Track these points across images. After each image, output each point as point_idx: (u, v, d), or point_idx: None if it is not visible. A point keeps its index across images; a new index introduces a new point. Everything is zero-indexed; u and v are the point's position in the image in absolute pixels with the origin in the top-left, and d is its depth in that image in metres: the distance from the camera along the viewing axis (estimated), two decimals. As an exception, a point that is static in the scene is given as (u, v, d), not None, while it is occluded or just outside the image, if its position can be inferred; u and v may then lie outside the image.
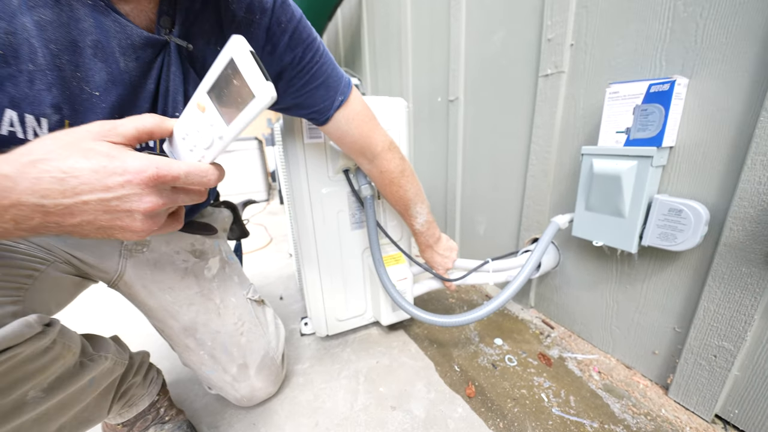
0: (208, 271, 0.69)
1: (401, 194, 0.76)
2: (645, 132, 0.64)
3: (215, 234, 0.74)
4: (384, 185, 0.75)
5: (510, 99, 1.03)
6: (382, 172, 0.73)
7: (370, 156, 0.71)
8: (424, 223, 0.81)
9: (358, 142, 0.68)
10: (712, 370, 0.64)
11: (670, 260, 0.69)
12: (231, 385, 0.69)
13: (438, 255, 0.87)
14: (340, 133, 0.65)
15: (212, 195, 0.74)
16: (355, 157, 0.72)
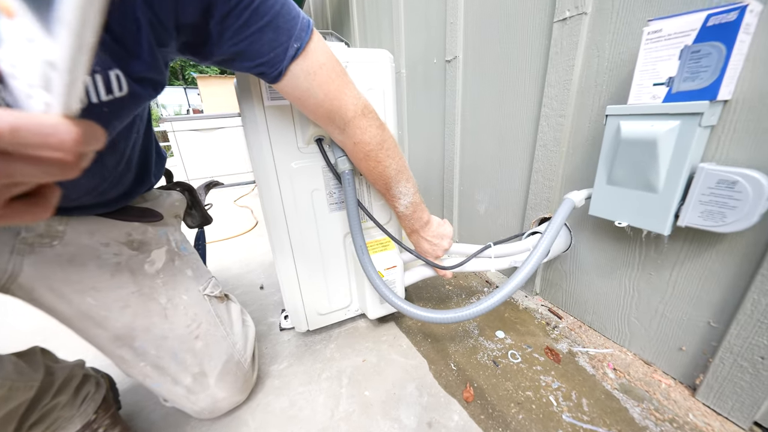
0: (151, 265, 0.57)
1: (380, 171, 0.62)
2: (694, 82, 0.50)
3: (160, 221, 0.61)
4: (359, 160, 0.62)
5: (517, 54, 0.87)
6: (356, 143, 0.59)
7: (341, 123, 0.57)
8: (409, 205, 0.68)
9: (324, 106, 0.53)
10: (756, 373, 0.54)
11: (710, 244, 0.57)
12: (186, 398, 0.59)
13: (425, 242, 0.74)
14: (299, 92, 0.51)
15: (148, 176, 0.61)
16: (324, 125, 0.58)
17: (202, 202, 0.87)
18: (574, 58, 0.71)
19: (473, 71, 1.04)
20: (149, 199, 0.63)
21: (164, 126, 3.21)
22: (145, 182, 0.61)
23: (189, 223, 0.86)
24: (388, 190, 0.66)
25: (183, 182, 0.79)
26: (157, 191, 0.67)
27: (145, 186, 0.61)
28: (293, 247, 0.72)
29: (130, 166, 0.53)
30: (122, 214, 0.56)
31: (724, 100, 0.51)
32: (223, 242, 1.63)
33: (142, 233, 0.58)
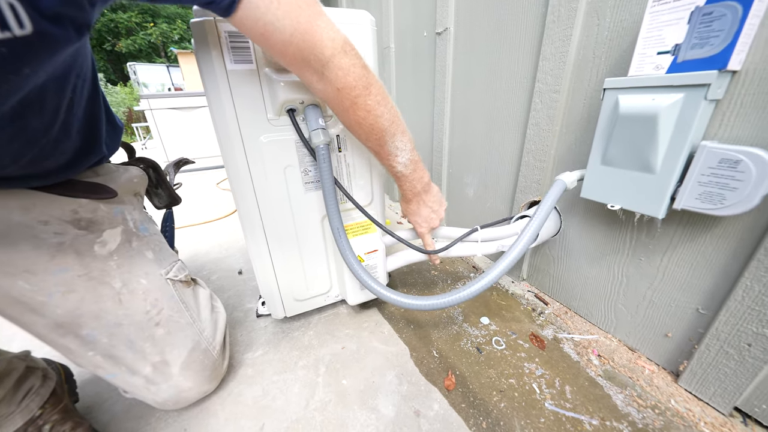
0: (102, 246, 0.52)
1: (371, 122, 0.54)
2: (703, 49, 0.45)
3: (114, 198, 0.55)
4: (346, 110, 0.53)
5: (512, 24, 0.80)
6: (340, 89, 0.50)
7: (318, 65, 0.48)
8: (408, 163, 0.60)
9: (294, 43, 0.44)
10: (741, 360, 0.53)
11: (705, 228, 0.54)
12: (146, 389, 0.55)
13: (427, 208, 0.68)
14: (261, 27, 0.42)
15: (97, 145, 0.53)
16: (298, 71, 0.50)
17: (169, 181, 0.81)
18: (572, 26, 0.65)
19: (464, 44, 0.97)
20: (102, 174, 0.56)
21: (142, 104, 3.04)
22: (94, 153, 0.54)
23: (156, 204, 0.80)
24: (382, 147, 0.58)
25: (147, 158, 0.72)
26: (113, 166, 0.61)
27: (94, 157, 0.54)
28: (266, 229, 0.67)
29: (69, 132, 0.46)
30: (67, 189, 0.50)
31: (733, 71, 0.46)
32: (204, 226, 1.56)
33: (91, 211, 0.52)
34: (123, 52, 13.25)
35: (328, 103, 0.55)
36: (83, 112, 0.49)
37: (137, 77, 5.90)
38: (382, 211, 0.79)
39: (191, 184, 2.47)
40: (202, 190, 2.28)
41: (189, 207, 1.86)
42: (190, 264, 1.18)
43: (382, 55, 1.48)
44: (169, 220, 0.88)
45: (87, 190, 0.52)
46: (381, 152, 0.59)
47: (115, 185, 0.56)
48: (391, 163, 0.61)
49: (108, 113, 0.58)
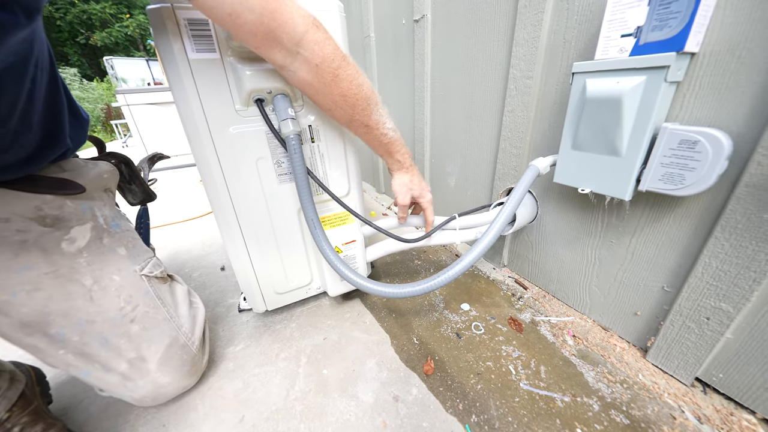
0: (70, 243, 0.51)
1: (355, 91, 0.54)
2: (663, 31, 0.46)
3: (82, 194, 0.54)
4: (326, 85, 0.52)
5: (486, 9, 0.80)
6: (320, 64, 0.49)
7: (292, 43, 0.47)
8: (395, 129, 0.63)
9: (265, 21, 0.43)
10: (701, 333, 0.55)
11: (668, 208, 0.56)
12: (122, 386, 0.54)
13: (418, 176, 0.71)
14: (229, 7, 0.41)
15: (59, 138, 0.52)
16: (270, 52, 0.48)
17: (143, 177, 0.79)
18: (542, 11, 0.65)
19: (442, 31, 0.96)
20: (68, 169, 0.55)
21: (119, 100, 2.94)
22: (57, 146, 0.52)
23: (130, 200, 0.78)
24: (370, 116, 0.58)
25: (118, 153, 0.70)
26: (80, 160, 0.59)
27: (57, 150, 0.52)
28: (241, 223, 0.66)
29: (29, 124, 0.45)
30: (30, 185, 0.48)
31: (692, 53, 0.47)
32: (185, 223, 1.54)
33: (57, 208, 0.50)
34: (99, 46, 12.68)
35: (303, 85, 0.53)
36: (43, 103, 0.47)
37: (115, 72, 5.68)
38: (360, 202, 0.78)
39: (173, 181, 2.42)
40: (184, 187, 2.24)
41: (170, 205, 1.83)
42: (171, 262, 1.16)
43: (362, 45, 1.45)
44: (144, 216, 0.87)
45: (52, 186, 0.51)
46: (370, 123, 0.59)
47: (83, 180, 0.55)
48: (381, 131, 0.61)
49: (71, 104, 0.56)
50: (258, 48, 0.48)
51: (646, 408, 0.56)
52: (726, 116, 0.47)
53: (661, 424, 0.53)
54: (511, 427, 0.54)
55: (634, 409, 0.56)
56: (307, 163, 0.67)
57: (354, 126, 0.60)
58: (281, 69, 0.51)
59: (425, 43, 1.03)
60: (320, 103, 0.57)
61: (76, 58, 13.18)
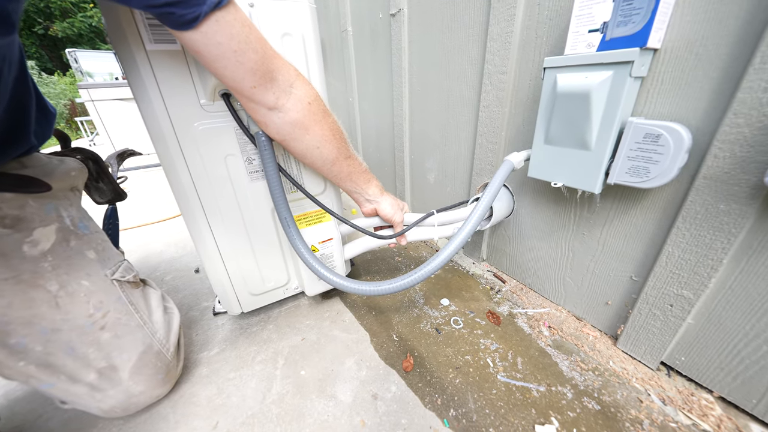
0: (33, 246, 0.47)
1: (338, 126, 0.60)
2: (627, 27, 0.46)
3: (45, 192, 0.50)
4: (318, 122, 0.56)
5: (461, 4, 0.80)
6: (311, 102, 0.54)
7: (286, 84, 0.51)
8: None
9: (266, 63, 0.47)
10: (665, 320, 0.58)
11: (635, 200, 0.58)
12: (90, 397, 0.51)
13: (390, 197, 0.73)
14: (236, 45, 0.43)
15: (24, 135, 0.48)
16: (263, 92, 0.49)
17: (112, 174, 0.74)
18: (515, 6, 0.66)
19: (418, 25, 0.96)
20: (30, 165, 0.51)
21: (83, 95, 2.77)
22: (20, 142, 0.48)
23: (97, 199, 0.74)
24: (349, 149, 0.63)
25: (84, 149, 0.66)
26: (44, 156, 0.55)
27: (20, 147, 0.48)
28: (210, 223, 0.63)
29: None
30: None
31: (654, 49, 0.48)
32: (157, 225, 1.47)
33: (18, 207, 0.47)
34: (59, 37, 11.85)
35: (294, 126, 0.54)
36: (9, 98, 0.44)
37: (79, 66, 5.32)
38: (337, 199, 0.77)
39: (144, 181, 2.31)
40: (155, 187, 2.14)
41: (141, 206, 1.74)
42: (143, 265, 1.11)
43: (340, 39, 1.43)
44: (112, 216, 0.82)
45: (13, 184, 0.47)
46: (351, 155, 0.64)
47: (48, 178, 0.51)
48: (359, 160, 0.66)
49: (39, 100, 0.52)
50: (253, 88, 0.48)
51: (615, 393, 0.58)
52: (686, 111, 0.48)
53: (629, 407, 0.55)
54: (488, 419, 0.54)
55: (604, 395, 0.58)
56: (280, 160, 0.64)
57: (340, 161, 0.62)
58: (271, 110, 0.52)
59: (402, 37, 1.02)
60: (308, 141, 0.57)
61: (33, 50, 12.27)
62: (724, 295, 0.51)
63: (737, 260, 0.48)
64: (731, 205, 0.46)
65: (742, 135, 0.42)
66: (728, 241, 0.47)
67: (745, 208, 0.44)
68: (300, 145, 0.56)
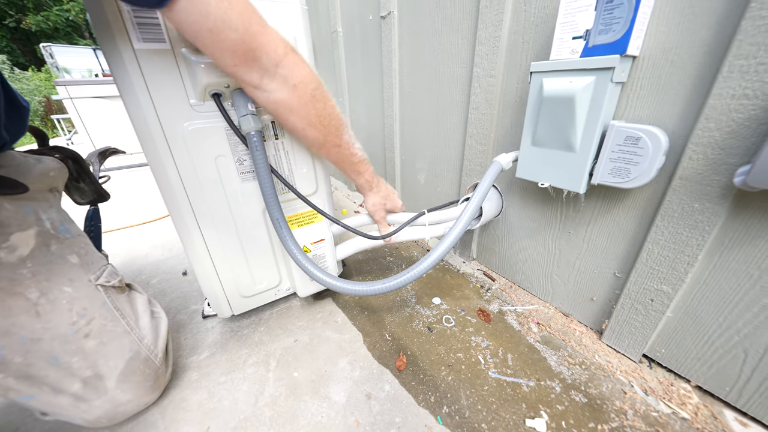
0: (10, 252, 0.46)
1: (329, 111, 0.56)
2: (608, 34, 0.49)
3: (21, 194, 0.48)
4: (305, 105, 0.53)
5: (450, 8, 0.81)
6: (297, 85, 0.50)
7: (271, 63, 0.48)
8: (363, 150, 0.66)
9: (246, 41, 0.44)
10: (647, 314, 0.60)
11: (618, 200, 0.60)
12: (75, 407, 0.50)
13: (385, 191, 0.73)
14: (211, 23, 0.41)
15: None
16: (244, 72, 0.47)
17: (94, 174, 0.72)
18: (502, 12, 0.67)
19: (408, 28, 0.97)
20: (5, 165, 0.49)
21: (60, 92, 2.66)
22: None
23: (78, 200, 0.72)
24: (342, 137, 0.60)
25: (64, 148, 0.63)
26: (19, 155, 0.53)
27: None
28: (200, 225, 0.62)
29: None
30: None
31: (633, 56, 0.51)
32: (141, 227, 1.43)
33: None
34: (33, 30, 11.33)
35: (278, 105, 0.53)
36: None
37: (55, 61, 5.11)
38: (328, 200, 0.77)
39: (128, 181, 2.24)
40: (139, 188, 2.08)
41: (125, 207, 1.69)
42: (127, 269, 1.08)
43: (330, 40, 1.43)
44: (94, 218, 0.79)
45: None
46: (341, 143, 0.61)
47: (24, 179, 0.49)
48: (352, 151, 0.63)
49: (6, 91, 0.49)
50: (235, 66, 0.46)
51: (601, 386, 0.60)
52: (663, 115, 0.51)
53: (614, 399, 0.57)
54: (480, 415, 0.56)
55: (591, 388, 0.60)
56: (271, 161, 0.64)
57: (327, 146, 0.61)
58: (255, 89, 0.51)
59: (392, 39, 1.03)
60: (294, 123, 0.56)
61: (4, 43, 11.68)
62: (699, 290, 0.54)
63: (711, 256, 0.51)
64: (705, 204, 0.48)
65: (714, 138, 0.45)
66: (702, 238, 0.50)
67: (717, 207, 0.47)
68: (287, 124, 0.56)
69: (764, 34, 0.38)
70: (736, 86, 0.42)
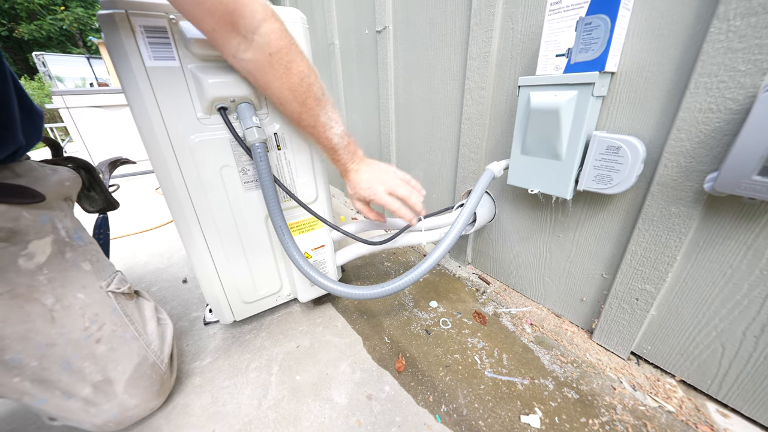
0: (28, 259, 0.47)
1: (305, 88, 0.52)
2: (587, 53, 0.53)
3: (39, 203, 0.50)
4: (278, 78, 0.50)
5: (443, 25, 0.86)
6: (273, 53, 0.48)
7: (249, 29, 0.45)
8: (344, 135, 0.60)
9: (224, 2, 0.42)
10: (633, 312, 0.63)
11: (602, 205, 0.64)
12: (84, 412, 0.51)
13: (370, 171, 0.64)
14: None
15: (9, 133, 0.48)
16: (221, 38, 0.46)
17: (104, 183, 0.74)
18: (492, 29, 0.72)
19: (403, 42, 1.01)
20: (23, 174, 0.51)
21: (56, 102, 2.66)
22: (6, 142, 0.47)
23: (87, 208, 0.73)
24: (317, 118, 0.56)
25: (77, 158, 0.65)
26: (36, 164, 0.55)
27: (6, 147, 0.47)
28: (205, 233, 0.64)
29: None
30: None
31: (612, 72, 0.55)
32: (141, 235, 1.43)
33: (12, 219, 0.46)
34: (25, 39, 11.28)
35: (254, 74, 0.50)
36: None
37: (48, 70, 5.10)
38: (328, 207, 0.80)
39: (125, 190, 2.24)
40: (138, 196, 2.08)
41: (125, 215, 1.69)
42: (127, 277, 1.08)
43: (327, 52, 1.47)
44: (102, 226, 0.81)
45: (6, 194, 0.47)
46: (317, 125, 0.57)
47: (42, 188, 0.51)
48: (327, 135, 0.58)
49: (21, 96, 0.51)
50: (212, 30, 0.45)
51: (592, 383, 0.63)
52: (640, 126, 0.55)
53: (604, 395, 0.60)
54: (477, 413, 0.58)
55: (582, 385, 0.62)
56: (274, 171, 0.67)
57: (303, 125, 0.58)
58: (232, 55, 0.49)
59: (388, 53, 1.07)
60: (270, 95, 0.54)
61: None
62: (679, 288, 0.57)
63: (688, 256, 0.54)
64: (680, 208, 0.52)
65: (685, 148, 0.49)
66: (680, 240, 0.54)
67: (691, 211, 0.51)
68: (266, 93, 0.54)
69: (723, 56, 0.42)
70: (702, 101, 0.46)
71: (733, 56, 0.42)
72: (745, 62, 0.41)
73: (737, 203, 0.47)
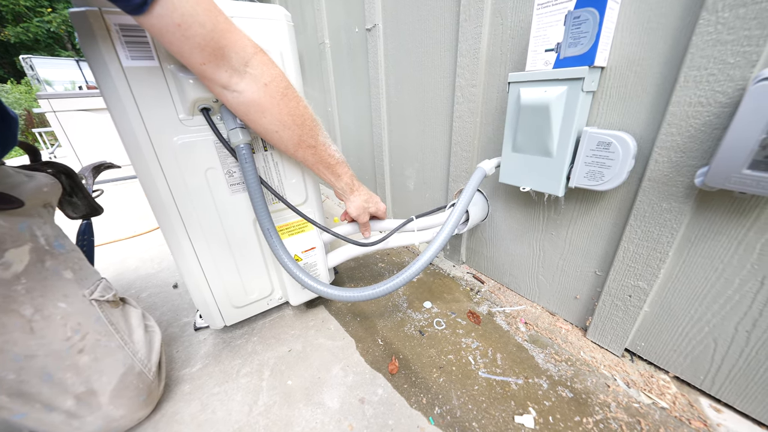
0: (5, 269, 0.46)
1: (302, 111, 0.55)
2: (576, 48, 0.52)
3: (16, 209, 0.48)
4: (277, 103, 0.52)
5: (432, 22, 0.85)
6: (268, 83, 0.50)
7: (240, 62, 0.47)
8: (340, 152, 0.66)
9: (215, 38, 0.44)
10: (626, 309, 0.63)
11: (594, 202, 0.64)
12: (67, 425, 0.49)
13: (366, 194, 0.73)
14: (179, 18, 0.40)
15: None
16: (213, 70, 0.47)
17: (87, 188, 0.72)
18: (481, 25, 0.71)
19: (393, 41, 1.00)
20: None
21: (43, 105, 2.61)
22: None
23: (70, 214, 0.71)
24: (317, 138, 0.60)
25: (56, 163, 0.63)
26: (12, 170, 0.53)
27: None
28: (191, 237, 0.63)
29: None
30: None
31: (601, 67, 0.54)
32: (130, 240, 1.41)
33: None
34: (12, 42, 11.06)
35: (249, 105, 0.52)
36: None
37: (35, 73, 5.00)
38: (319, 209, 0.78)
39: (114, 195, 2.20)
40: (126, 201, 2.05)
41: (112, 221, 1.66)
42: (117, 283, 1.06)
43: (318, 51, 1.45)
44: (87, 232, 0.79)
45: None
46: (317, 144, 0.60)
47: (19, 194, 0.49)
48: (328, 152, 0.62)
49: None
50: (203, 64, 0.46)
51: (586, 381, 0.62)
52: (631, 121, 0.54)
53: (598, 393, 0.60)
54: (471, 414, 0.57)
55: (576, 383, 0.62)
56: (261, 173, 0.65)
57: (302, 148, 0.59)
58: (224, 89, 0.50)
59: (378, 51, 1.06)
60: (266, 125, 0.54)
61: (-19, 55, 11.39)
62: (672, 284, 0.57)
63: (680, 252, 0.54)
64: (672, 203, 0.52)
65: (676, 142, 0.49)
66: (671, 235, 0.53)
67: (683, 206, 0.50)
68: (258, 127, 0.55)
69: (712, 48, 0.42)
70: (691, 95, 0.45)
71: (722, 48, 0.41)
72: (734, 54, 0.41)
73: (728, 198, 0.47)
